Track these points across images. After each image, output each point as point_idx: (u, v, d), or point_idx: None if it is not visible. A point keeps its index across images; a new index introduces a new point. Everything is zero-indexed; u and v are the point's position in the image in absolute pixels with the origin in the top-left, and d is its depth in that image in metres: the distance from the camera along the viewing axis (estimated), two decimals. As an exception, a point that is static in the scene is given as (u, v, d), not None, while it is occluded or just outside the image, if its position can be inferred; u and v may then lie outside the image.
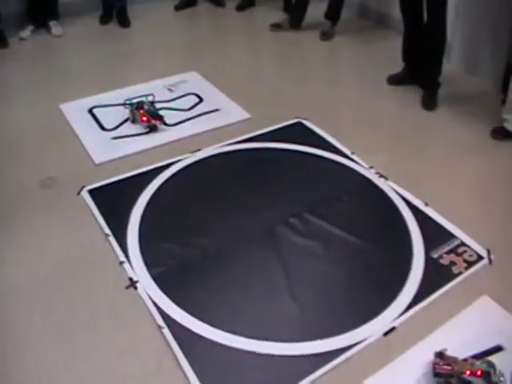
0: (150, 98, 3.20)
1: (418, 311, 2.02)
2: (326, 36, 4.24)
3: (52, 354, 1.84)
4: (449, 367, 1.72)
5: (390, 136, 3.08)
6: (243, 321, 1.95)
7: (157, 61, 3.88)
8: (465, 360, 1.74)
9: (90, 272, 2.15)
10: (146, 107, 3.05)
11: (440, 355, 1.76)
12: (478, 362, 1.73)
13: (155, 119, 3.01)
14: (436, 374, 1.74)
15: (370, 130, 3.10)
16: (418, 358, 1.84)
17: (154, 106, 3.11)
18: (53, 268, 2.17)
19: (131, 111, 3.07)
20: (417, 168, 2.81)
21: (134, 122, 3.06)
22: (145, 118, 3.00)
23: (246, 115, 3.18)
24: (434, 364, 1.75)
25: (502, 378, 1.68)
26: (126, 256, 2.20)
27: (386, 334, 1.93)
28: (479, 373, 1.68)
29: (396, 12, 3.53)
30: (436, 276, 2.16)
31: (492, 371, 1.68)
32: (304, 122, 3.13)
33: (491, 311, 2.03)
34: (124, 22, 4.43)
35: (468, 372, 1.69)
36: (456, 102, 3.38)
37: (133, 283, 2.08)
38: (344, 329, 1.93)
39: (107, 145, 2.90)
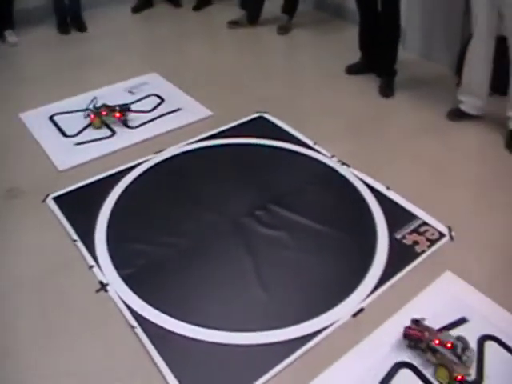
0: (95, 101, 3.18)
1: (385, 291, 2.08)
2: (284, 30, 4.29)
3: (25, 360, 1.84)
4: (419, 333, 1.78)
5: (351, 124, 3.14)
6: (215, 314, 1.98)
7: (116, 64, 3.87)
8: (439, 331, 1.81)
9: (60, 279, 2.15)
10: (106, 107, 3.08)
11: (416, 322, 1.83)
12: (451, 336, 1.78)
13: (126, 111, 3.10)
14: (405, 336, 1.82)
15: (331, 120, 3.16)
16: (386, 336, 1.90)
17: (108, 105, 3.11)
18: (22, 277, 2.17)
19: (96, 116, 3.05)
20: (377, 154, 2.88)
21: (99, 127, 3.05)
22: (118, 115, 3.05)
23: (207, 113, 3.21)
24: (407, 327, 1.82)
25: (469, 354, 1.73)
26: (95, 260, 2.21)
27: (354, 315, 1.98)
28: (449, 345, 1.74)
29: (352, 3, 3.59)
30: (400, 256, 2.22)
31: (461, 346, 1.73)
32: (265, 115, 3.17)
33: (454, 285, 2.10)
34: (81, 27, 4.40)
35: (437, 341, 1.75)
36: (413, 87, 3.47)
37: (103, 286, 2.10)
38: (314, 314, 1.97)
39: (70, 151, 2.90)
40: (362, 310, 2.01)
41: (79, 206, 2.52)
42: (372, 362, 1.81)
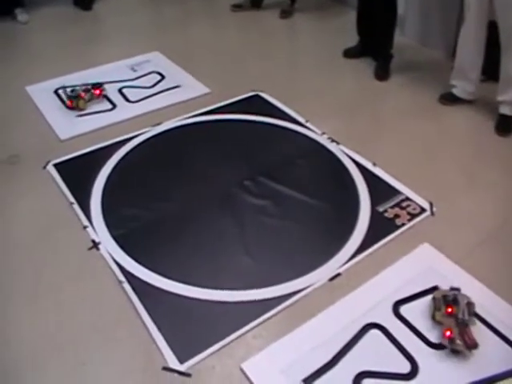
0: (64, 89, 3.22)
1: (363, 259, 2.18)
2: (286, 14, 4.37)
3: (19, 310, 1.97)
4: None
5: (344, 105, 3.22)
6: (199, 273, 2.10)
7: (121, 42, 3.99)
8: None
9: (55, 237, 2.28)
10: (80, 89, 3.17)
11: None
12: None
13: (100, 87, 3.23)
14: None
15: (325, 100, 3.25)
16: (359, 299, 2.00)
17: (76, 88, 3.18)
18: (20, 235, 2.30)
19: (78, 101, 3.12)
20: (368, 133, 2.96)
21: (85, 107, 3.12)
22: (97, 92, 3.17)
23: (205, 90, 3.31)
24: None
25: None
26: (90, 221, 2.34)
27: (331, 279, 2.09)
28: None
29: (353, -12, 3.66)
30: (380, 227, 2.32)
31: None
32: (261, 94, 3.27)
33: (430, 256, 2.19)
34: (87, 4, 4.52)
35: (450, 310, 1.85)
36: (408, 71, 3.54)
37: (95, 244, 2.22)
38: (293, 277, 2.08)
39: (72, 122, 3.02)
40: (338, 274, 2.11)
41: (78, 172, 2.64)
42: (343, 323, 1.91)
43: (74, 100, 3.12)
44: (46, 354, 1.82)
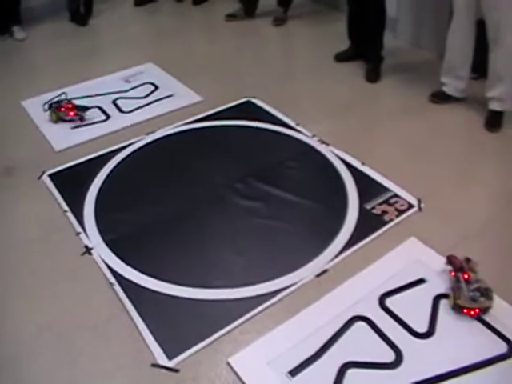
0: (63, 96, 3.28)
1: (350, 255, 2.21)
2: (279, 21, 4.43)
3: (13, 309, 2.05)
4: (460, 263, 1.97)
5: (335, 107, 3.26)
6: (189, 273, 2.14)
7: (116, 55, 4.08)
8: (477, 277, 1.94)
9: (49, 243, 2.34)
10: (65, 104, 3.20)
11: (467, 260, 2.00)
12: (483, 285, 1.90)
13: (82, 111, 3.20)
14: (448, 261, 2.03)
15: (316, 103, 3.30)
16: (345, 293, 2.03)
17: (71, 101, 3.23)
18: (15, 241, 2.38)
19: (53, 112, 3.18)
20: (358, 133, 3.00)
21: (56, 121, 3.18)
22: (72, 113, 3.18)
23: (198, 98, 3.37)
24: (452, 256, 2.02)
25: (479, 295, 1.87)
26: (83, 227, 2.39)
27: (318, 275, 2.12)
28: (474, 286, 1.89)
29: (346, -6, 3.70)
30: (368, 224, 2.35)
31: (477, 286, 1.88)
32: (253, 100, 3.32)
33: (417, 250, 2.22)
34: (83, 20, 4.64)
35: (466, 276, 1.91)
36: (400, 73, 3.58)
37: (88, 250, 2.27)
38: (281, 273, 2.12)
39: (67, 134, 3.09)
40: (325, 271, 2.14)
41: (72, 181, 2.70)
42: (329, 317, 1.94)
43: (54, 111, 3.18)
44: (39, 350, 1.88)
